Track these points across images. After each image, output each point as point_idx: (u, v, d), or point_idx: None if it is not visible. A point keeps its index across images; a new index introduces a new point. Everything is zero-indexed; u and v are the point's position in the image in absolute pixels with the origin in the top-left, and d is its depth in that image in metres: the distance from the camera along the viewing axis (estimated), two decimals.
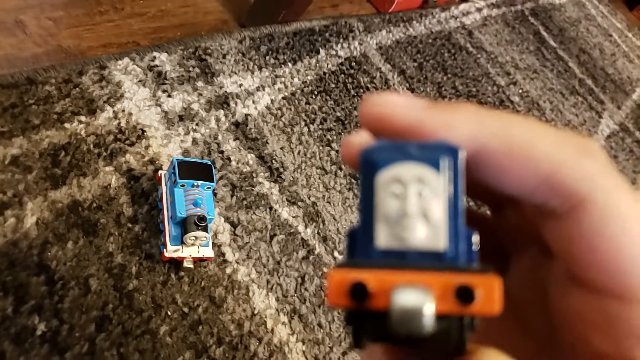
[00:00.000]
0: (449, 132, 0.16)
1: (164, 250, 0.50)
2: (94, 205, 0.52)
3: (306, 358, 0.54)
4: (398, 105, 0.17)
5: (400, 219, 0.15)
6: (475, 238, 0.16)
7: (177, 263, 0.51)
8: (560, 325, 0.18)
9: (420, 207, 0.15)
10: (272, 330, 0.53)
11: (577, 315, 0.18)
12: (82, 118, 0.58)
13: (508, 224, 0.21)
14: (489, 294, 0.14)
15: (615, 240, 0.16)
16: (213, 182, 0.51)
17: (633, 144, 1.36)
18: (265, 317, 0.54)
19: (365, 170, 0.16)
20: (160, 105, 0.64)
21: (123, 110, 0.61)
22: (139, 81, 0.65)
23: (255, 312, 0.54)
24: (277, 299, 0.56)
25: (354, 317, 0.15)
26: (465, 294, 0.14)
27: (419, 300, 0.14)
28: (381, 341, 0.16)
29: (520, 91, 1.20)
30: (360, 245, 0.16)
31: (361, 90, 0.83)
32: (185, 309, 0.50)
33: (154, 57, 0.68)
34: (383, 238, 0.16)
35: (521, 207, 0.19)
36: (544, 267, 0.19)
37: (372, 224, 0.16)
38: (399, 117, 0.17)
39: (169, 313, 0.49)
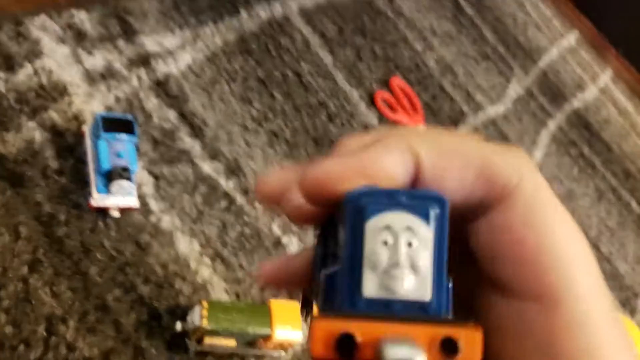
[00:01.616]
0: (388, 158, 0.17)
1: (91, 199, 0.53)
2: (19, 158, 0.55)
3: (228, 294, 0.60)
4: (332, 164, 0.17)
5: (390, 269, 0.16)
6: (450, 286, 0.16)
7: (104, 212, 0.55)
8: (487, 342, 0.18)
9: (409, 258, 0.16)
10: (196, 271, 0.59)
11: (497, 327, 0.17)
12: (1, 74, 0.59)
13: None
14: (472, 345, 0.15)
15: (538, 232, 0.16)
16: (135, 135, 0.55)
17: (536, 108, 1.48)
18: (189, 259, 0.59)
19: (353, 216, 0.16)
20: (81, 63, 0.66)
21: (43, 68, 0.63)
22: (58, 38, 0.66)
23: (180, 255, 0.59)
24: (201, 244, 0.61)
25: None
26: (450, 346, 0.15)
27: (410, 354, 0.14)
28: None
29: (435, 56, 1.29)
30: (344, 292, 0.16)
31: (282, 51, 0.88)
32: (113, 253, 0.54)
33: (73, 14, 0.69)
34: (370, 287, 0.16)
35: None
36: (469, 279, 0.19)
37: (360, 272, 0.16)
38: (338, 173, 0.17)
39: (98, 256, 0.53)
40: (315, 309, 0.19)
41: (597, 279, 0.17)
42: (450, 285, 0.16)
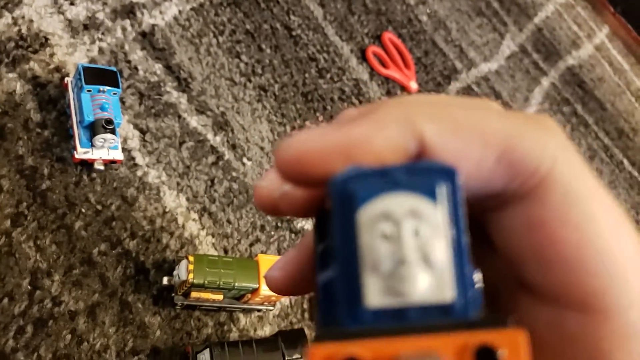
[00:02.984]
0: (380, 138, 0.13)
1: (75, 152, 0.53)
2: (0, 110, 0.54)
3: (215, 249, 0.60)
4: (311, 138, 0.14)
5: (396, 268, 0.12)
6: (478, 277, 0.13)
7: (88, 165, 0.55)
8: None
9: (419, 250, 0.12)
10: (183, 225, 0.59)
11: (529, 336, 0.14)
12: None
13: None
14: (516, 352, 0.12)
15: (580, 229, 0.14)
16: (119, 87, 0.54)
17: (530, 65, 1.47)
18: (176, 214, 0.59)
19: (341, 206, 0.13)
20: (62, 13, 0.64)
21: (23, 17, 0.61)
22: None
23: (167, 210, 0.58)
24: (188, 199, 0.61)
25: None
26: (488, 357, 0.12)
27: None
28: None
29: (428, 11, 1.26)
30: (343, 305, 0.13)
31: (271, 3, 0.85)
32: (99, 207, 0.54)
33: None
34: (375, 295, 0.12)
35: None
36: (490, 271, 0.16)
37: (357, 277, 0.12)
38: (317, 149, 0.14)
39: (83, 210, 0.53)
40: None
41: None
42: (478, 278, 0.13)
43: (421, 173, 0.13)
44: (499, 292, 0.16)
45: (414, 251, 0.12)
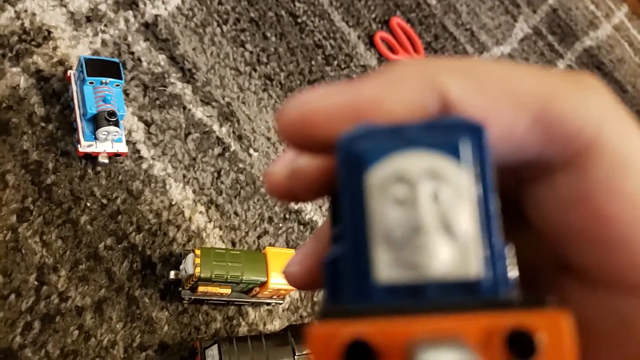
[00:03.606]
0: (396, 95, 0.12)
1: (79, 146, 0.52)
2: (4, 105, 0.53)
3: (223, 242, 0.59)
4: (317, 96, 0.12)
5: (411, 237, 0.11)
6: (510, 250, 0.11)
7: (93, 159, 0.54)
8: None
9: (438, 216, 0.11)
10: (190, 218, 0.58)
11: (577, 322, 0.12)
12: None
13: None
14: (557, 337, 0.10)
15: (634, 203, 0.12)
16: (121, 79, 0.53)
17: (544, 47, 1.44)
18: (183, 207, 0.58)
19: (348, 168, 0.11)
20: (65, 6, 0.63)
21: (25, 11, 0.60)
22: None
23: (173, 203, 0.58)
24: (194, 192, 0.60)
25: None
26: (522, 343, 0.10)
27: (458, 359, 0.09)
28: None
29: None
30: (350, 280, 0.11)
31: None
32: (104, 201, 0.53)
33: None
34: (386, 268, 0.11)
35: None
36: (526, 249, 0.14)
37: (366, 247, 0.11)
38: (323, 108, 0.12)
39: (88, 204, 0.52)
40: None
41: None
42: (510, 251, 0.11)
43: (442, 129, 0.11)
44: (537, 275, 0.14)
45: (432, 217, 0.11)
